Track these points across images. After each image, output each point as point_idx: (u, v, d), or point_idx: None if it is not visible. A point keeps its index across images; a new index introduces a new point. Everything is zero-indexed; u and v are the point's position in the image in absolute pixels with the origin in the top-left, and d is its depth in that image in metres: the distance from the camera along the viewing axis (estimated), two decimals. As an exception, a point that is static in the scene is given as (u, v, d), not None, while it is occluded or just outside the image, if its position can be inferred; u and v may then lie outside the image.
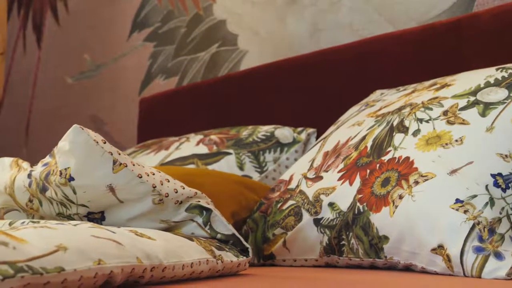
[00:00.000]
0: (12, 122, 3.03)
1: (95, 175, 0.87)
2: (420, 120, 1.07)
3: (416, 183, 0.97)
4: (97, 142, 0.87)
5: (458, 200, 0.92)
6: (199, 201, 0.94)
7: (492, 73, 1.09)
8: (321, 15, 1.80)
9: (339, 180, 1.09)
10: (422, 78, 1.33)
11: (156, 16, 2.33)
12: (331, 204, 1.07)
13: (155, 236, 0.79)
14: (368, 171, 1.05)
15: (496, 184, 0.92)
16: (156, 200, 0.90)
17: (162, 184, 0.90)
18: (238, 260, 0.90)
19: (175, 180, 0.93)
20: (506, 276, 0.84)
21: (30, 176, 0.97)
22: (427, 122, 1.06)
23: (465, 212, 0.90)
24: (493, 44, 1.35)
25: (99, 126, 2.54)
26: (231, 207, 1.19)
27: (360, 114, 1.25)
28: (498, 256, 0.86)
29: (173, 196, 0.91)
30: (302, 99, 1.71)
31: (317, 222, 1.09)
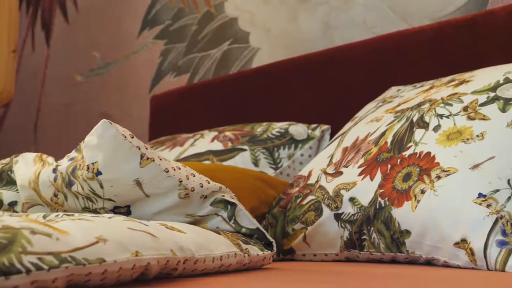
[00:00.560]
0: (21, 120, 3.04)
1: (122, 169, 0.88)
2: (440, 116, 1.07)
3: (438, 177, 0.98)
4: (125, 137, 0.87)
5: (480, 195, 0.93)
6: (224, 195, 0.95)
7: (510, 69, 1.10)
8: (334, 12, 1.81)
9: (359, 175, 1.10)
10: (437, 75, 1.34)
11: (167, 13, 2.34)
12: (352, 199, 1.08)
13: (185, 229, 0.80)
14: (389, 166, 1.06)
15: (518, 179, 0.93)
16: (182, 194, 0.90)
17: (188, 179, 0.91)
18: (263, 254, 0.91)
19: (200, 174, 0.94)
20: (530, 269, 0.85)
21: (55, 170, 0.97)
22: (447, 117, 1.07)
23: (487, 206, 0.91)
24: (509, 41, 1.35)
25: (108, 123, 2.54)
26: (250, 202, 1.20)
27: (378, 110, 1.25)
28: (522, 249, 0.87)
29: (198, 191, 0.92)
30: (315, 96, 1.72)
31: (337, 217, 1.10)
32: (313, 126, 1.62)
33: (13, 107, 3.06)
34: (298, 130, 1.61)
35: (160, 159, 0.90)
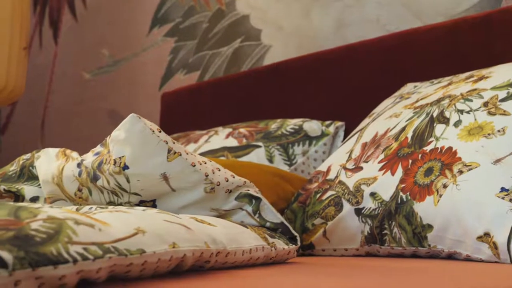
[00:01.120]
0: (28, 117, 3.04)
1: (149, 164, 0.88)
2: (460, 111, 1.08)
3: (460, 172, 0.98)
4: (153, 131, 0.88)
5: (503, 189, 0.93)
6: (249, 190, 0.95)
7: (529, 65, 1.11)
8: (347, 10, 1.81)
9: (380, 170, 1.10)
10: (451, 72, 1.35)
11: (177, 11, 2.34)
12: (372, 194, 1.09)
13: (215, 223, 0.81)
14: (410, 161, 1.07)
15: (540, 173, 0.94)
16: (208, 188, 0.91)
17: (214, 173, 0.92)
18: (288, 247, 0.92)
19: (225, 169, 0.95)
20: (555, 263, 0.86)
21: (80, 165, 0.98)
22: (468, 113, 1.07)
23: (510, 200, 0.92)
24: (525, 38, 1.36)
25: (117, 121, 2.55)
26: (269, 198, 1.21)
27: (396, 106, 1.26)
28: (547, 243, 0.87)
29: (224, 185, 0.92)
30: (328, 94, 1.72)
31: (358, 212, 1.10)
32: (327, 122, 1.63)
33: (20, 105, 3.06)
34: (312, 126, 1.61)
35: (187, 153, 0.90)
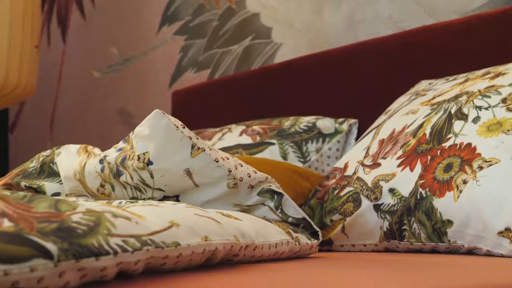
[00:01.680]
0: (37, 116, 3.05)
1: (173, 159, 0.89)
2: (479, 108, 1.09)
3: (480, 168, 0.99)
4: (177, 127, 0.89)
5: (524, 184, 0.94)
6: (270, 185, 0.96)
7: (547, 61, 1.11)
8: (359, 7, 1.82)
9: (398, 166, 1.11)
10: (466, 69, 1.35)
11: (187, 9, 2.35)
12: (391, 190, 1.09)
13: (241, 217, 0.81)
14: (429, 157, 1.07)
15: (561, 168, 0.94)
16: (231, 184, 0.92)
17: (236, 169, 0.93)
18: (311, 242, 0.92)
19: (246, 165, 0.96)
20: None
21: (102, 161, 0.99)
22: (486, 109, 1.08)
23: (531, 195, 0.92)
24: (540, 34, 1.37)
25: (127, 119, 2.56)
26: (287, 195, 1.21)
27: (412, 103, 1.27)
28: None
29: (246, 180, 0.93)
30: (341, 91, 1.73)
31: (377, 207, 1.11)
32: (340, 120, 1.64)
33: (29, 104, 3.07)
34: (326, 124, 1.62)
35: (210, 149, 0.91)
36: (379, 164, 1.15)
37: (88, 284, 0.53)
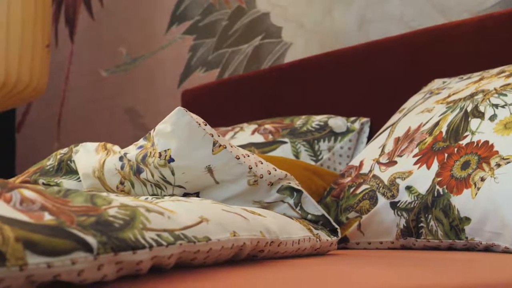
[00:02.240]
0: (44, 115, 3.06)
1: (195, 156, 0.89)
2: (495, 106, 1.09)
3: (498, 165, 1.00)
4: (199, 124, 0.89)
5: (542, 182, 0.94)
6: (290, 182, 0.97)
7: (562, 60, 1.12)
8: (370, 6, 1.82)
9: (415, 164, 1.12)
10: (479, 69, 1.36)
11: (196, 9, 2.36)
12: (408, 188, 1.10)
13: (264, 214, 0.82)
14: (446, 155, 1.08)
15: None
16: (251, 181, 0.92)
17: (257, 166, 0.93)
18: (331, 239, 0.93)
19: (266, 162, 0.96)
20: None
21: (122, 159, 0.99)
22: (502, 107, 1.08)
23: (549, 193, 0.93)
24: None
25: (135, 118, 2.57)
26: (303, 192, 1.22)
27: (427, 101, 1.27)
28: None
29: (266, 177, 0.93)
30: (352, 90, 1.73)
31: (393, 205, 1.11)
32: (352, 119, 1.64)
33: (36, 103, 3.08)
34: (338, 123, 1.63)
35: (231, 147, 0.91)
36: (395, 162, 1.16)
37: (123, 277, 0.54)
